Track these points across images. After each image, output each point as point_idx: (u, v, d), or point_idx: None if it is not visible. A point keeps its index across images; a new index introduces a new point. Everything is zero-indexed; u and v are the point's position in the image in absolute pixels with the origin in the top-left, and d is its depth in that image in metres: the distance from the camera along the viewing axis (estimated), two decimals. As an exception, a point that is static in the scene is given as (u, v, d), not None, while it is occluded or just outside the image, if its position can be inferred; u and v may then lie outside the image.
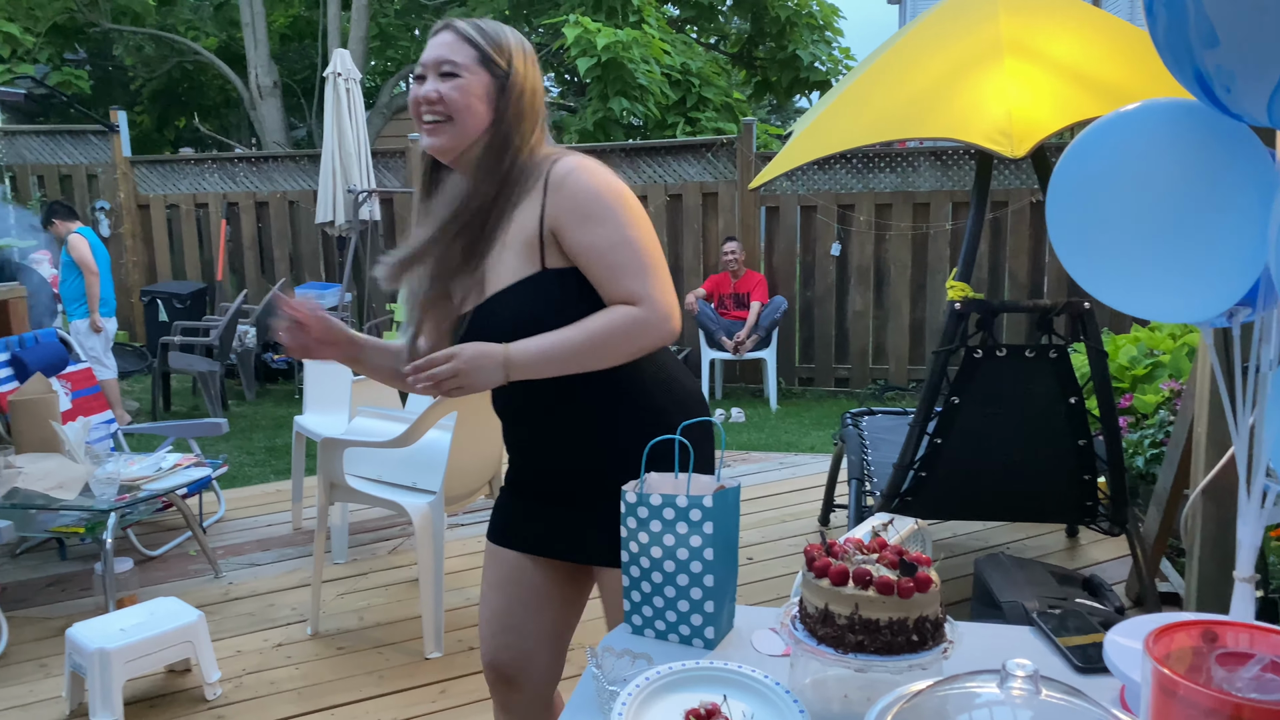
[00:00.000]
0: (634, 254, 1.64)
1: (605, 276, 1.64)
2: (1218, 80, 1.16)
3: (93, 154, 8.81)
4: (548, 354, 1.64)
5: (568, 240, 1.65)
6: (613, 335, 1.64)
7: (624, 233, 1.64)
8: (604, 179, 1.66)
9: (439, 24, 1.72)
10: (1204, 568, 2.50)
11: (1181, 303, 1.30)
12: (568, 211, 1.64)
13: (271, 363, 7.79)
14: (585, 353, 1.64)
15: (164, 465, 3.72)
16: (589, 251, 1.64)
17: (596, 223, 1.63)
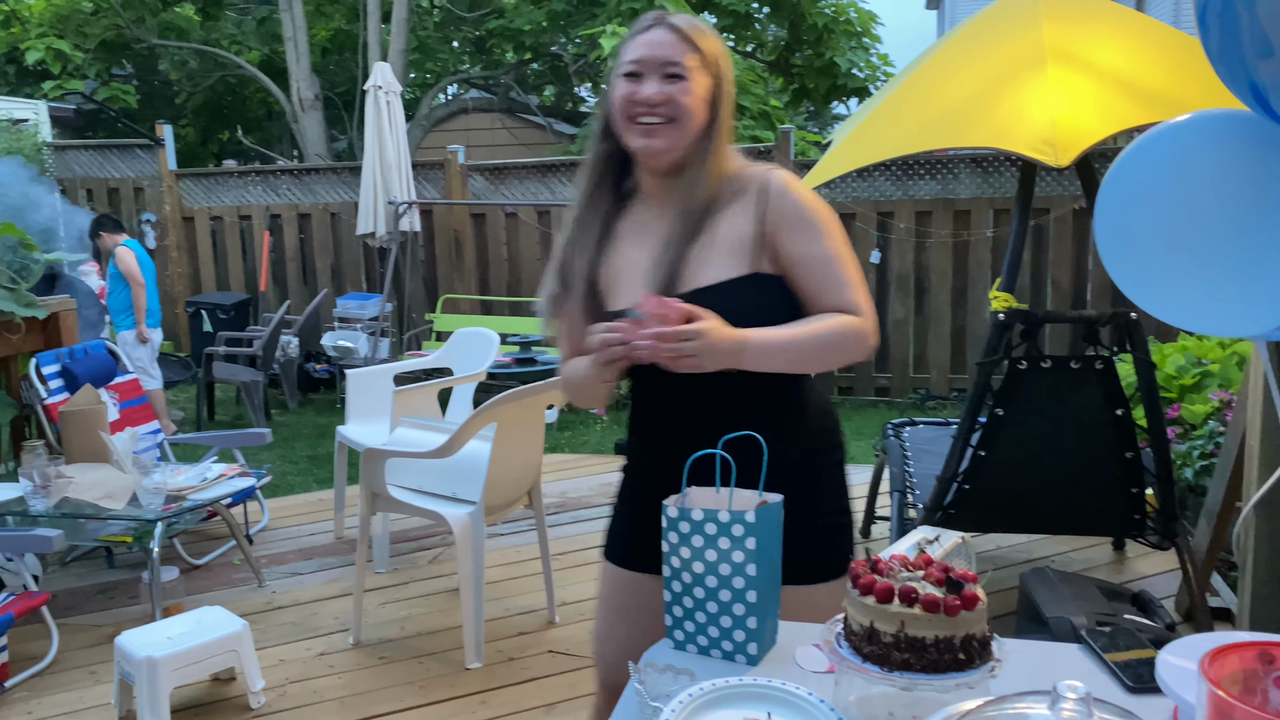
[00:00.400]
0: (850, 269, 1.69)
1: (826, 287, 1.67)
2: (1273, 91, 1.13)
3: (139, 167, 8.97)
4: (783, 346, 1.62)
5: (789, 248, 1.66)
6: (840, 340, 1.66)
7: (841, 248, 1.69)
8: (814, 196, 1.71)
9: (649, 19, 1.67)
10: (1257, 584, 2.45)
11: (1234, 316, 1.28)
12: (792, 221, 1.66)
13: (314, 372, 7.88)
14: (814, 352, 1.65)
15: (209, 475, 3.77)
16: (811, 261, 1.66)
17: (819, 235, 1.67)
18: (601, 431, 6.66)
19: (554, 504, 4.90)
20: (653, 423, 1.80)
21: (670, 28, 1.64)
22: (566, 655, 3.33)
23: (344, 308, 7.77)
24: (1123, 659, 1.54)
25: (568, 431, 6.66)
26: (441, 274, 8.33)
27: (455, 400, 4.51)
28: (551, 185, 8.10)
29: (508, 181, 8.21)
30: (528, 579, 3.95)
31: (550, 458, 5.75)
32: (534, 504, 3.56)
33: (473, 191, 8.25)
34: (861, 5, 12.31)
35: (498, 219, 8.11)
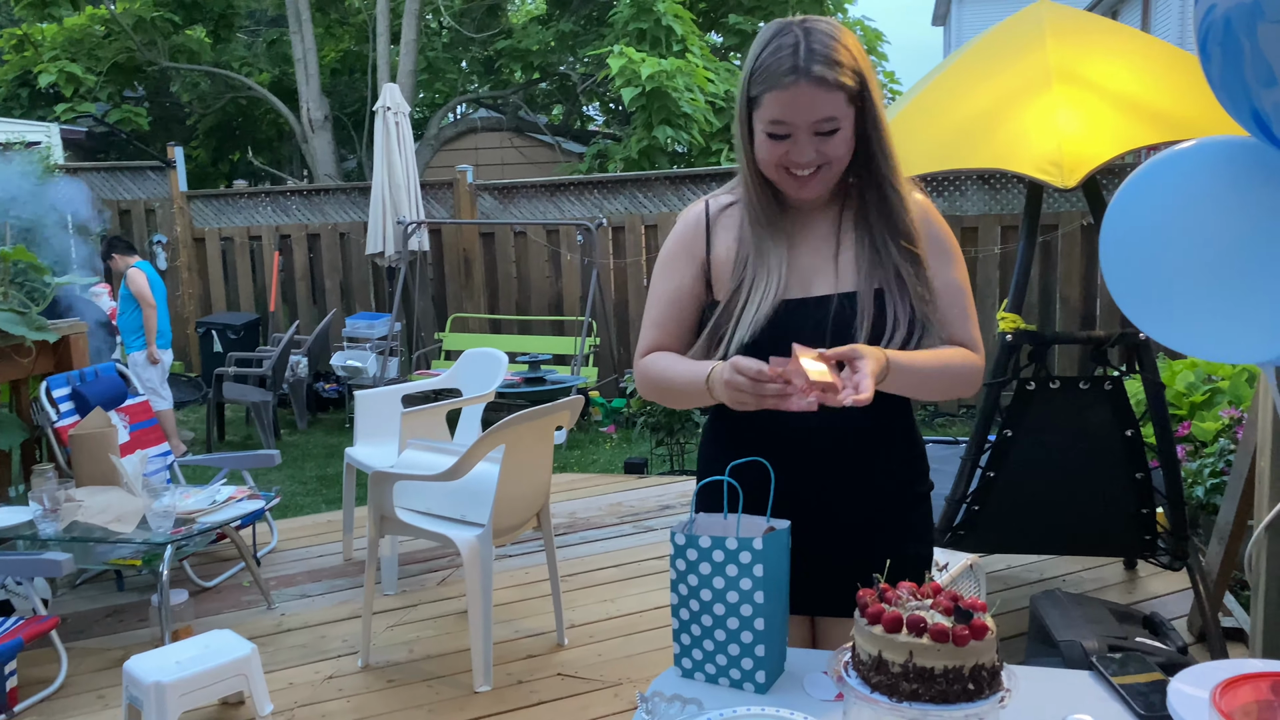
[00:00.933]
0: (971, 301, 1.69)
1: (951, 317, 1.66)
2: (1276, 119, 1.13)
3: (151, 189, 9.04)
4: (918, 371, 1.58)
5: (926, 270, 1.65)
6: (963, 377, 1.65)
7: (966, 279, 1.70)
8: (948, 227, 1.72)
9: (786, 62, 1.53)
10: (1270, 606, 2.43)
11: (1240, 343, 1.27)
12: (931, 244, 1.66)
13: (323, 392, 7.90)
14: (940, 383, 1.64)
15: (218, 498, 3.78)
16: (942, 287, 1.65)
17: (952, 264, 1.67)
18: (611, 451, 6.65)
19: (563, 524, 4.89)
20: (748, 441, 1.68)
21: (814, 81, 1.52)
22: (575, 678, 3.31)
23: (353, 327, 7.79)
24: (1132, 682, 1.53)
25: (577, 451, 6.66)
26: (450, 293, 8.36)
27: (464, 421, 4.51)
28: (560, 204, 8.13)
29: (516, 200, 8.24)
30: (537, 601, 3.94)
31: (559, 477, 5.75)
32: (543, 526, 3.55)
33: (481, 211, 8.28)
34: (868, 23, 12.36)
35: (507, 238, 8.14)
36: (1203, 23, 1.17)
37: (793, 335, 1.59)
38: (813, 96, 1.53)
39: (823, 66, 1.52)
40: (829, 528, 1.70)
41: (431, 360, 8.01)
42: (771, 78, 1.54)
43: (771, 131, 1.57)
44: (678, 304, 1.73)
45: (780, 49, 1.55)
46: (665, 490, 5.47)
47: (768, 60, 1.56)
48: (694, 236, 1.73)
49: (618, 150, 10.47)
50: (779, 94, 1.54)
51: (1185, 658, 2.41)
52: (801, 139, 1.56)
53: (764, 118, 1.57)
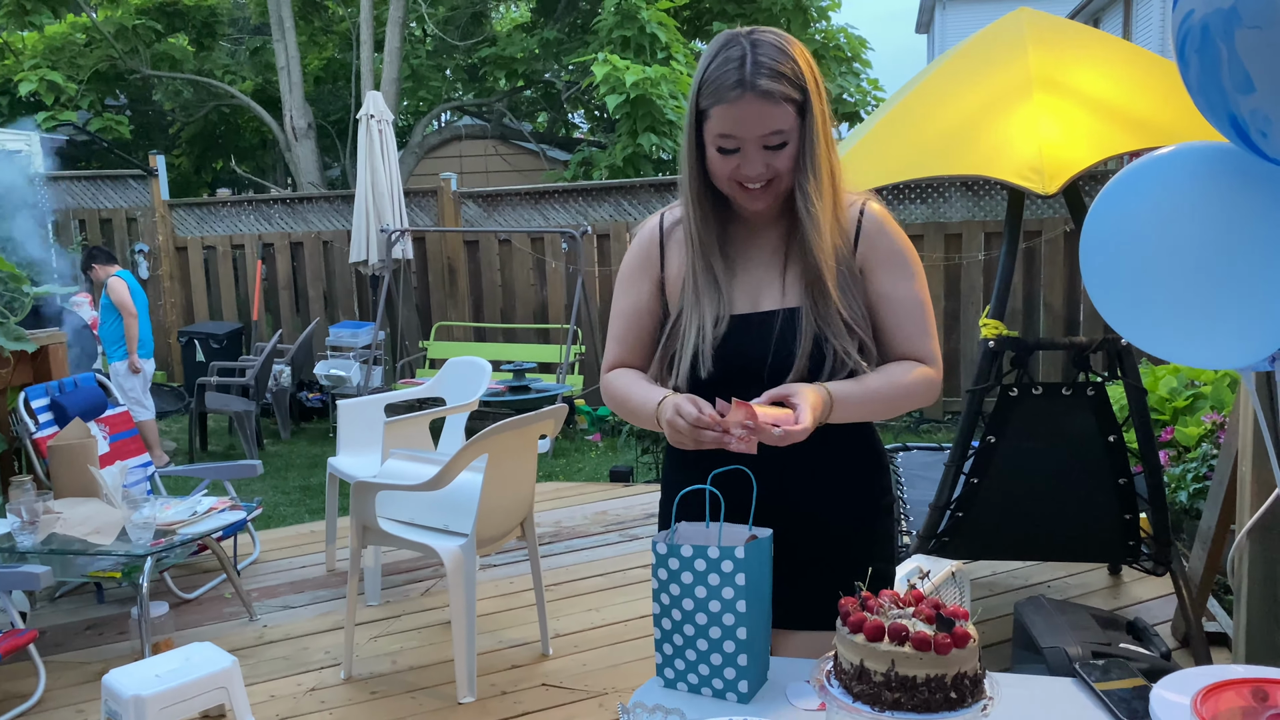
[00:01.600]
0: (930, 316, 1.66)
1: (908, 332, 1.64)
2: (1253, 125, 1.13)
3: (132, 198, 8.99)
4: (864, 401, 1.59)
5: (876, 283, 1.64)
6: (914, 391, 1.64)
7: (924, 295, 1.66)
8: (906, 237, 1.68)
9: (732, 76, 1.52)
10: (1253, 611, 2.44)
11: (1223, 350, 1.27)
12: (885, 257, 1.64)
13: (306, 401, 7.85)
14: (890, 406, 1.63)
15: (199, 509, 3.75)
16: (896, 299, 1.64)
17: (908, 277, 1.65)
18: (596, 459, 6.64)
19: (548, 533, 4.87)
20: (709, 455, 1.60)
21: (760, 94, 1.51)
22: (560, 688, 3.29)
23: (337, 336, 7.76)
24: (1114, 688, 1.53)
25: (562, 459, 6.64)
26: (435, 301, 8.33)
27: (447, 430, 4.49)
28: (545, 211, 8.12)
29: (501, 208, 8.23)
30: (521, 610, 3.92)
31: (544, 486, 5.73)
32: (527, 535, 3.53)
33: (466, 218, 8.27)
34: (852, 31, 12.41)
35: (491, 246, 8.13)
36: (1180, 28, 1.17)
37: (741, 351, 1.62)
38: (759, 110, 1.52)
39: (768, 80, 1.51)
40: (788, 541, 1.68)
41: (416, 369, 7.98)
42: (718, 92, 1.53)
43: (720, 145, 1.56)
44: (637, 321, 1.76)
45: (727, 62, 1.53)
46: (651, 498, 5.45)
47: (714, 74, 1.54)
48: (649, 252, 1.75)
49: (602, 157, 10.47)
50: (726, 108, 1.53)
51: (1169, 663, 2.41)
52: (751, 152, 1.55)
53: (712, 131, 1.56)
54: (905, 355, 1.64)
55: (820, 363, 1.60)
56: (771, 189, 1.59)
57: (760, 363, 1.62)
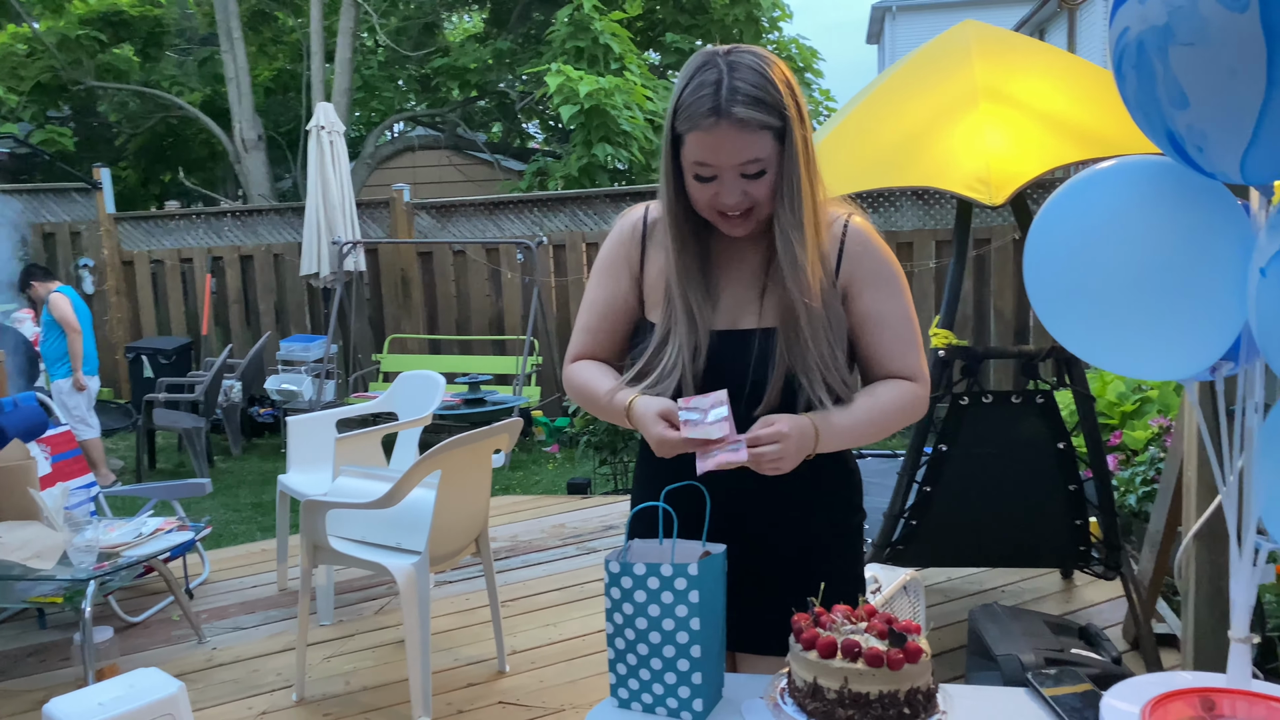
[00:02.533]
0: (915, 331, 1.64)
1: (895, 350, 1.62)
2: (1190, 140, 1.15)
3: (76, 212, 8.81)
4: (850, 429, 1.57)
5: (863, 304, 1.61)
6: (902, 412, 1.62)
7: (909, 310, 1.64)
8: (890, 250, 1.65)
9: (710, 114, 1.46)
10: (1200, 614, 2.47)
11: (1166, 361, 1.29)
12: (869, 275, 1.61)
13: (258, 417, 7.73)
14: (879, 427, 1.61)
15: (145, 530, 3.66)
16: (881, 319, 1.61)
17: (894, 294, 1.62)
18: (554, 471, 6.60)
19: (504, 548, 4.83)
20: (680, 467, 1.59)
21: (736, 123, 1.45)
22: (517, 705, 3.26)
23: (288, 350, 7.65)
24: (1063, 693, 1.54)
25: (519, 471, 6.59)
26: (389, 314, 8.26)
27: (400, 446, 4.43)
28: (500, 222, 8.08)
29: (455, 219, 8.18)
30: (477, 628, 3.88)
31: (500, 499, 5.68)
32: (482, 551, 3.50)
33: (419, 230, 8.20)
34: (804, 41, 12.52)
35: (445, 257, 8.07)
36: (1117, 44, 1.18)
37: (719, 368, 1.59)
38: (735, 139, 1.46)
39: (745, 108, 1.45)
40: (755, 562, 1.66)
41: (369, 382, 7.90)
42: (693, 118, 1.48)
43: (697, 173, 1.51)
44: (611, 314, 1.72)
45: (702, 87, 1.47)
46: (609, 510, 5.43)
47: (689, 99, 1.48)
48: (630, 247, 1.70)
49: (558, 168, 10.46)
50: (700, 135, 1.48)
51: (1120, 668, 2.43)
52: (728, 180, 1.50)
53: (688, 158, 1.51)
54: (891, 373, 1.63)
55: (792, 396, 1.58)
56: (751, 216, 1.55)
57: (738, 381, 1.59)
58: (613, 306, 1.71)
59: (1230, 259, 1.21)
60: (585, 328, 1.74)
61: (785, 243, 1.54)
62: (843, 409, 1.58)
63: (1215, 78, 1.06)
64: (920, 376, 1.63)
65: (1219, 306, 1.23)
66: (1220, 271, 1.22)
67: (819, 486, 1.68)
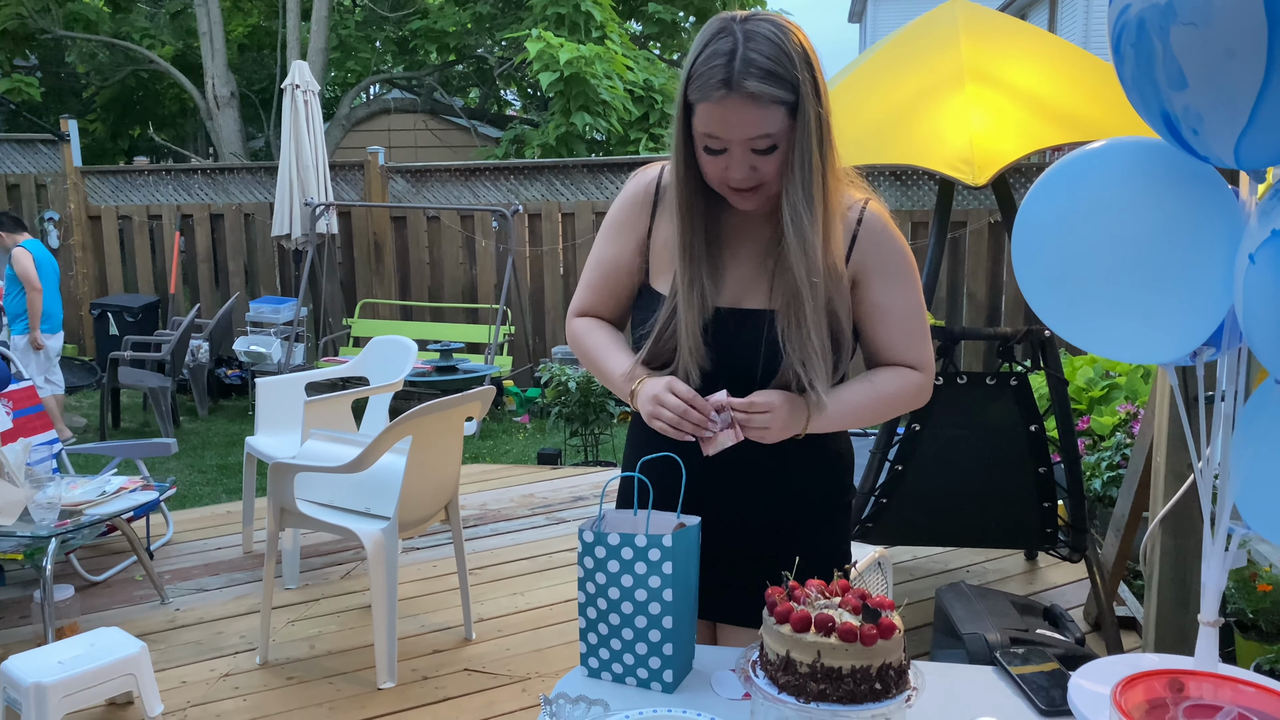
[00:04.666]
0: (924, 321, 1.61)
1: (899, 340, 1.59)
2: (1185, 122, 1.14)
3: (42, 163, 8.62)
4: (848, 413, 1.56)
5: (874, 294, 1.57)
6: (902, 400, 1.61)
7: (919, 299, 1.61)
8: (904, 239, 1.61)
9: (721, 85, 1.39)
10: (1163, 597, 2.50)
11: (1150, 344, 1.28)
12: (882, 266, 1.57)
13: (225, 378, 7.64)
14: (876, 413, 1.60)
15: (108, 489, 3.60)
16: (890, 310, 1.58)
17: (905, 285, 1.59)
18: (524, 441, 6.58)
19: (473, 516, 4.81)
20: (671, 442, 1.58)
21: (746, 96, 1.39)
22: (483, 673, 3.25)
23: (257, 312, 7.56)
24: (1030, 672, 1.56)
25: (489, 441, 6.57)
26: (360, 278, 8.17)
27: (370, 411, 4.39)
28: (475, 189, 8.00)
29: (430, 184, 8.09)
30: (444, 594, 3.87)
31: (470, 468, 5.66)
32: (451, 519, 3.48)
33: (393, 194, 8.11)
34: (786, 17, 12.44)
35: (419, 222, 7.98)
36: (1116, 23, 1.17)
37: (723, 347, 1.56)
38: (745, 113, 1.40)
39: (757, 81, 1.38)
40: (742, 534, 1.67)
41: (339, 347, 7.82)
42: (704, 88, 1.41)
43: (706, 145, 1.46)
44: (614, 275, 1.69)
45: (714, 56, 1.40)
46: (579, 481, 5.42)
47: (701, 67, 1.42)
48: (641, 208, 1.65)
49: (535, 136, 10.36)
50: (711, 107, 1.42)
51: (1083, 649, 2.46)
52: (737, 154, 1.44)
53: (698, 129, 1.45)
54: (895, 360, 1.61)
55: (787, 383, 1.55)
56: (761, 192, 1.50)
57: (747, 360, 1.56)
58: (616, 268, 1.68)
59: (1218, 244, 1.21)
60: (588, 284, 1.72)
61: (795, 221, 1.47)
62: (838, 391, 1.56)
63: (1214, 59, 1.05)
64: (925, 365, 1.62)
65: (1205, 291, 1.23)
66: (1208, 256, 1.22)
67: (809, 463, 1.66)
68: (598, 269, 1.71)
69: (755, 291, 1.59)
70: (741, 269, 1.60)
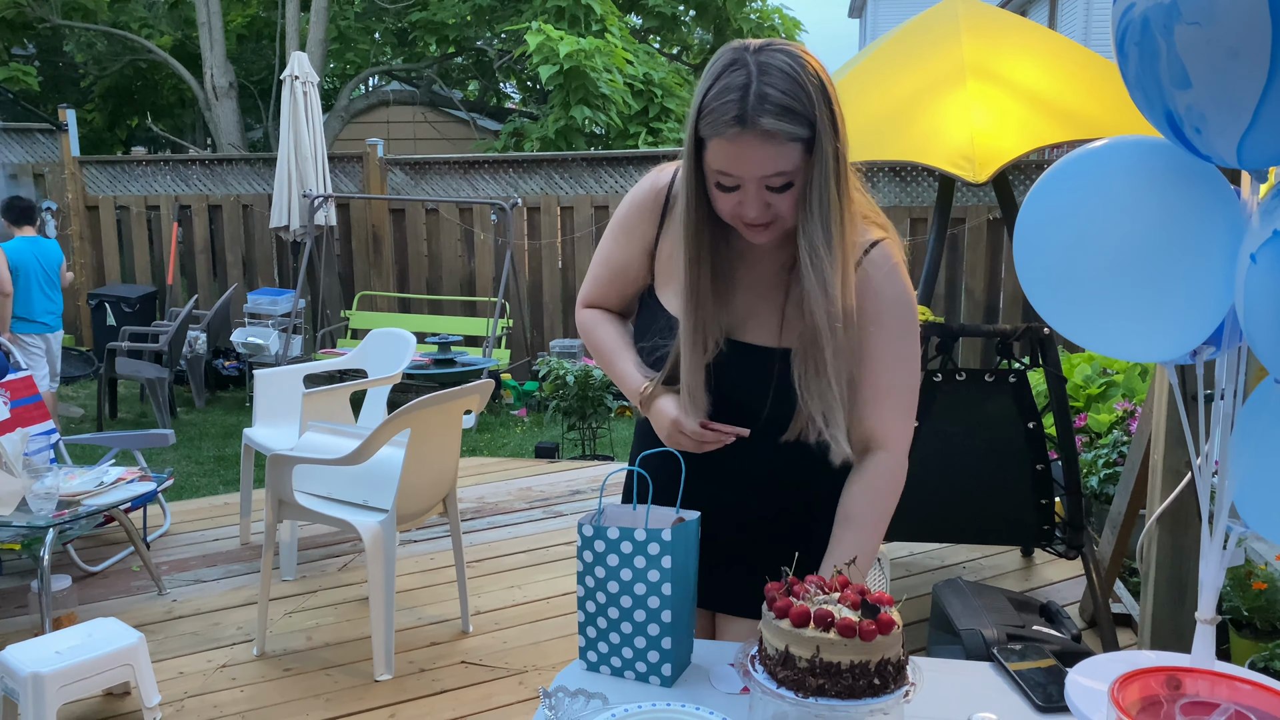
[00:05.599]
0: (913, 388, 1.54)
1: (882, 402, 1.51)
2: (1188, 121, 1.14)
3: (40, 153, 8.59)
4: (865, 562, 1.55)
5: (869, 339, 1.48)
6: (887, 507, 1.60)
7: (915, 362, 1.53)
8: (911, 289, 1.52)
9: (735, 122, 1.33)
10: (1159, 595, 2.51)
11: (1150, 343, 1.29)
12: (887, 311, 1.48)
13: (222, 369, 7.64)
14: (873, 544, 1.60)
15: (106, 479, 3.60)
16: (884, 361, 1.49)
17: (902, 339, 1.50)
18: (522, 434, 6.58)
19: (470, 509, 4.82)
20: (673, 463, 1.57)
21: (761, 135, 1.32)
22: (480, 666, 3.26)
23: (255, 303, 7.55)
24: (1027, 668, 1.57)
25: (487, 434, 6.57)
26: (358, 270, 8.16)
27: (369, 404, 4.39)
28: (474, 182, 7.99)
29: (429, 177, 8.07)
30: (441, 587, 3.87)
31: (468, 461, 5.66)
32: (449, 512, 3.48)
33: (392, 186, 8.09)
34: (786, 12, 12.44)
35: (418, 215, 7.97)
36: (1120, 21, 1.17)
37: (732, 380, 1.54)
38: (760, 150, 1.33)
39: (773, 119, 1.31)
40: (744, 525, 1.66)
41: (337, 339, 7.81)
42: (716, 125, 1.35)
43: (719, 181, 1.40)
44: (621, 277, 1.67)
45: (727, 90, 1.33)
46: (576, 475, 5.43)
47: (713, 102, 1.35)
48: (650, 214, 1.61)
49: (534, 129, 10.34)
50: (723, 144, 1.35)
51: (1080, 646, 2.47)
52: (751, 191, 1.38)
53: (711, 165, 1.39)
54: (862, 421, 1.52)
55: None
56: (775, 228, 1.43)
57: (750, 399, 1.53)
58: (624, 270, 1.66)
59: (1220, 243, 1.21)
60: (596, 279, 1.70)
61: (814, 262, 1.40)
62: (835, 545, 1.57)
63: (1218, 58, 1.05)
64: (892, 442, 1.54)
65: (1206, 290, 1.23)
66: (1209, 256, 1.22)
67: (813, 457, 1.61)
68: (605, 268, 1.69)
69: (762, 326, 1.53)
70: (749, 301, 1.55)
